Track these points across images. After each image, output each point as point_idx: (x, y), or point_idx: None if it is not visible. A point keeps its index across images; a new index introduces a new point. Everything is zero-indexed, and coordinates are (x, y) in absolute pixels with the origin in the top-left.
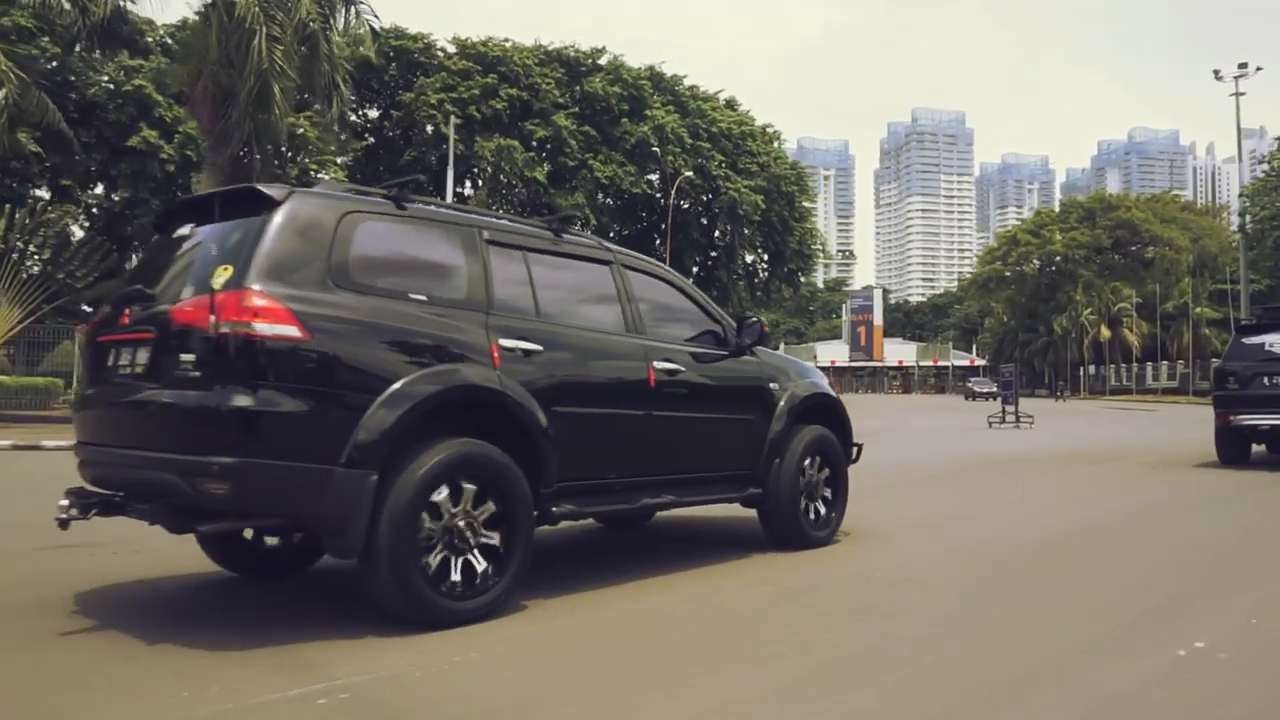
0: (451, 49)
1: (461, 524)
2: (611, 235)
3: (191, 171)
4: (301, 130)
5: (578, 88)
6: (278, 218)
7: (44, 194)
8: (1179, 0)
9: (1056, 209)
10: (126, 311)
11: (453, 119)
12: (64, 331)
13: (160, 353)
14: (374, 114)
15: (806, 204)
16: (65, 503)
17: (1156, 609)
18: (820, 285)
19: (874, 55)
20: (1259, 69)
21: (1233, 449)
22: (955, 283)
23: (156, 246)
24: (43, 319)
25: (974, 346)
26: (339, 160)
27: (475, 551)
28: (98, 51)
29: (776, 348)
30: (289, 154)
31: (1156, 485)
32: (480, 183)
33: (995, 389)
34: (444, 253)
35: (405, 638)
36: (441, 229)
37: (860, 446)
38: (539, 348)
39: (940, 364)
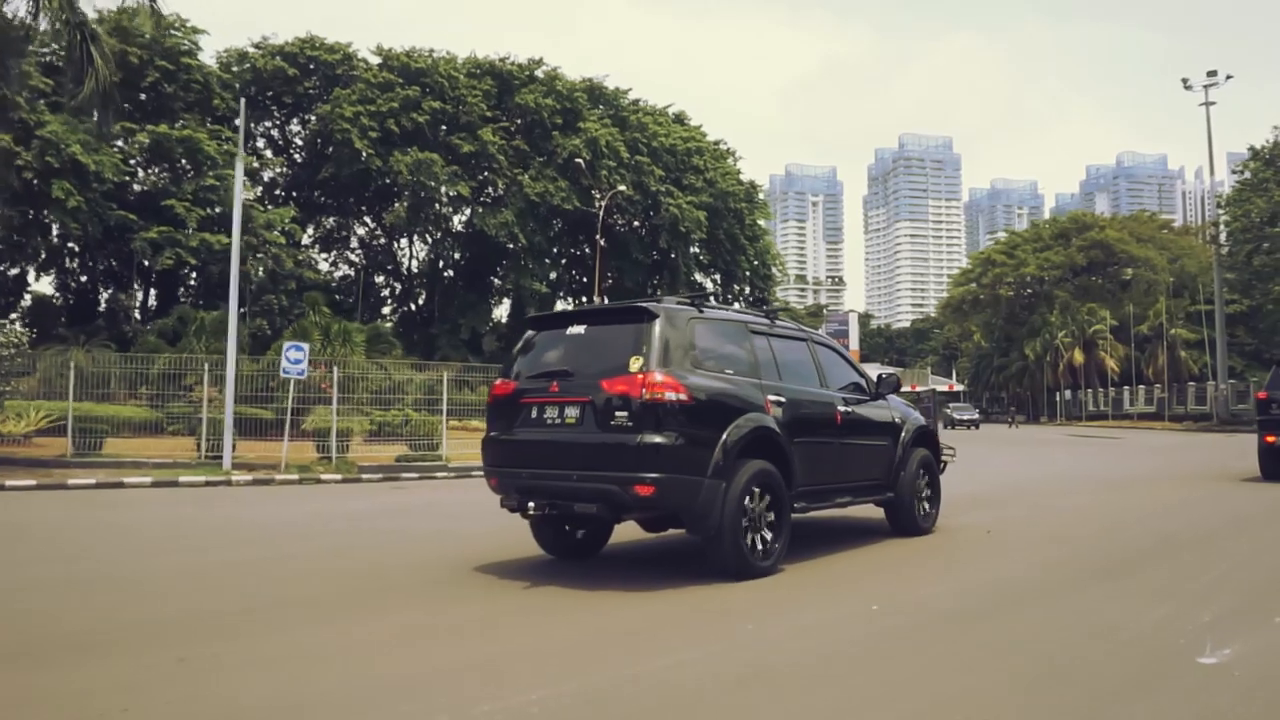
0: (374, 60)
1: (758, 512)
2: (549, 262)
3: (53, 179)
4: (202, 144)
5: (514, 100)
6: (659, 324)
7: None
8: (1171, 26)
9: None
10: (554, 384)
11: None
12: None
13: (596, 411)
14: (297, 127)
15: (761, 222)
16: (532, 504)
17: None
18: (802, 310)
19: (871, 86)
20: (1229, 77)
21: (1276, 466)
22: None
23: (542, 338)
24: None
25: (953, 371)
26: (255, 180)
27: (763, 531)
28: None
29: None
30: (188, 168)
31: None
32: (398, 202)
33: (976, 415)
34: (732, 340)
35: (730, 586)
36: (728, 324)
37: (946, 463)
38: (785, 399)
39: (918, 389)
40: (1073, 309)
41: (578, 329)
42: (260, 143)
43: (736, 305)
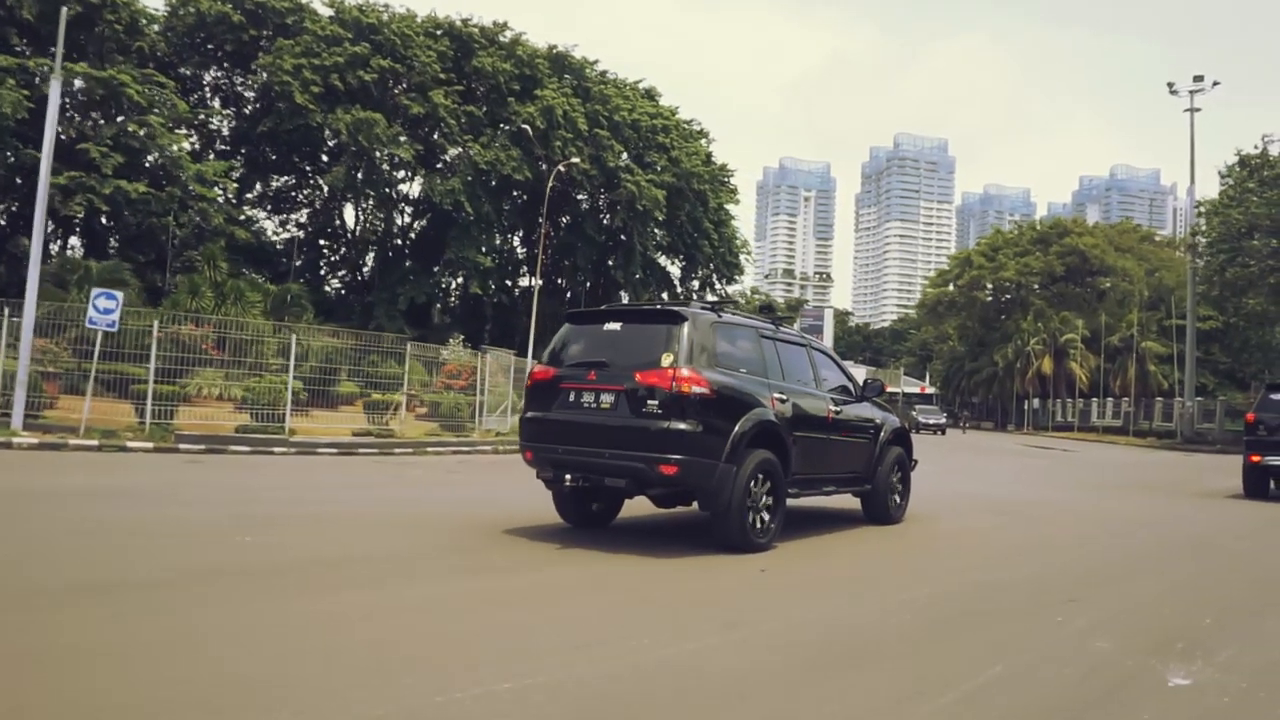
0: (327, 13)
1: (759, 495)
2: (500, 237)
3: None
4: (126, 87)
5: (471, 64)
6: (687, 326)
7: None
8: (1172, 38)
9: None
10: (592, 372)
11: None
12: None
13: (629, 398)
14: (245, 79)
15: (728, 206)
16: (569, 477)
17: None
18: (782, 305)
19: (873, 85)
20: (1216, 84)
21: (1258, 484)
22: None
23: (579, 331)
24: None
25: (927, 374)
26: (200, 133)
27: (762, 512)
28: None
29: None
30: (114, 111)
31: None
32: (341, 159)
33: (944, 420)
34: (744, 343)
35: (735, 557)
36: (741, 329)
37: (917, 461)
38: (786, 398)
39: (890, 390)
40: (1046, 316)
41: (614, 325)
42: (207, 93)
43: (700, 292)
